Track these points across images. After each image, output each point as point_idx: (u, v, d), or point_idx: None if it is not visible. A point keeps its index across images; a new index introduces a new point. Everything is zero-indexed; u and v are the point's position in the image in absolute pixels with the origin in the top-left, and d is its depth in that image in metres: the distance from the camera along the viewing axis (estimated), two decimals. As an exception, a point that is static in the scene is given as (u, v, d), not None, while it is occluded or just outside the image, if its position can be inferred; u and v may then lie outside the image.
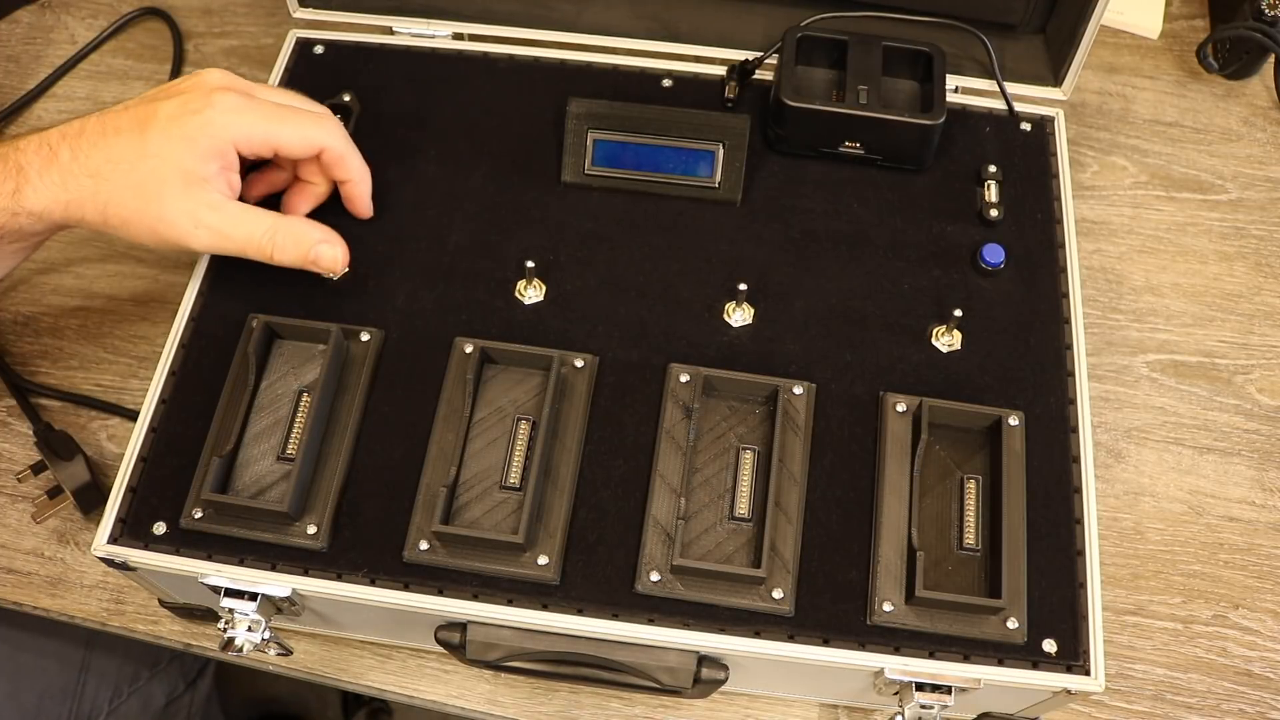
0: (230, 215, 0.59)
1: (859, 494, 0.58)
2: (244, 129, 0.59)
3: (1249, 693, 0.66)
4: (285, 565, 0.56)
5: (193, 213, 0.58)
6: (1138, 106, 0.87)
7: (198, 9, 0.90)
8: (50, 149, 0.58)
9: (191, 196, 0.58)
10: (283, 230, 0.61)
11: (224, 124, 0.59)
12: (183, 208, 0.58)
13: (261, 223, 0.60)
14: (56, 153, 0.58)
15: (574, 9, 0.75)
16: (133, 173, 0.58)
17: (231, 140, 0.59)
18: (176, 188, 0.58)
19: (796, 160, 0.69)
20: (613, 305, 0.64)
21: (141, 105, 0.59)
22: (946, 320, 0.62)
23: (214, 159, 0.59)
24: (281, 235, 0.60)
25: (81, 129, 0.59)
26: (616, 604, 0.56)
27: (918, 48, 0.69)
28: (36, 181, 0.58)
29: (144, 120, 0.58)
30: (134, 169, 0.58)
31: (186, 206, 0.58)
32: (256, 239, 0.60)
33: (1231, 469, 0.73)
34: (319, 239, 0.62)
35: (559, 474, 0.58)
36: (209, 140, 0.58)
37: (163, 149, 0.58)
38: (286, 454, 0.59)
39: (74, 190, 0.58)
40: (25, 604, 0.68)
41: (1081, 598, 0.56)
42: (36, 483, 0.71)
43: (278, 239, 0.60)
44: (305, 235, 0.61)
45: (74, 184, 0.58)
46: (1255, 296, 0.79)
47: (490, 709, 0.66)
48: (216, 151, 0.59)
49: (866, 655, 0.55)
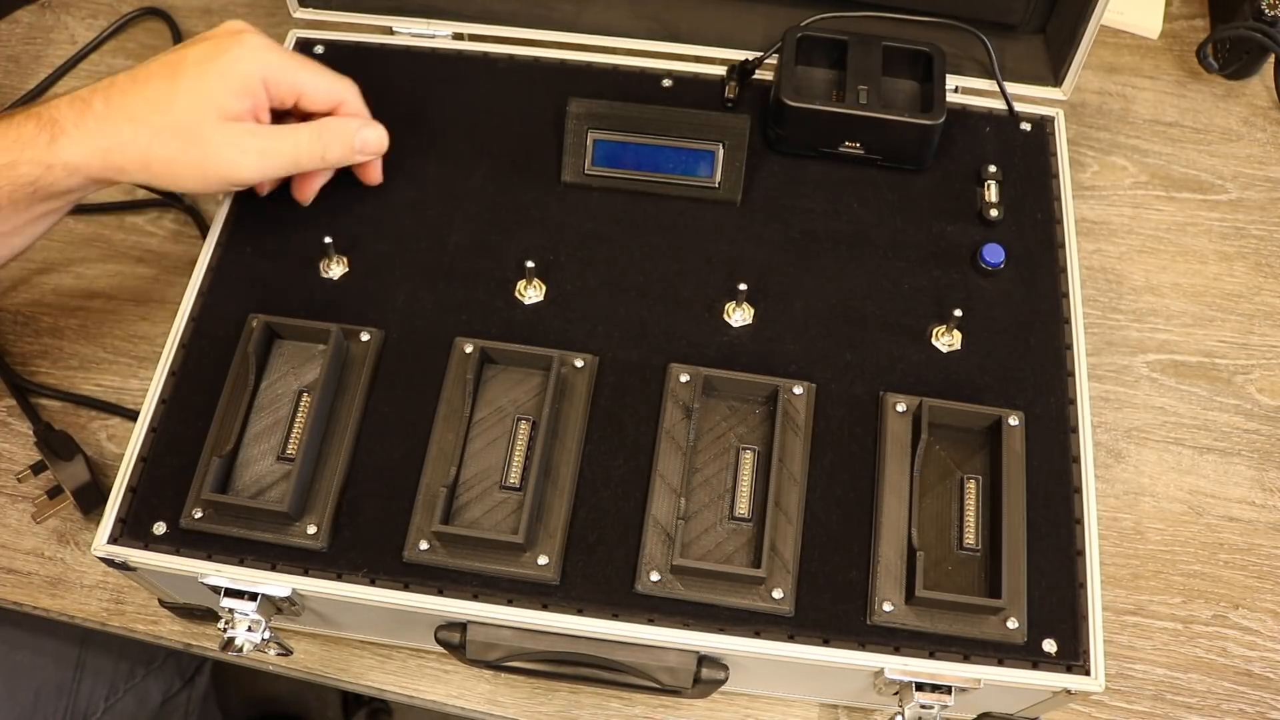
0: (273, 133, 0.61)
1: (859, 494, 0.58)
2: (273, 66, 0.60)
3: (1249, 693, 0.66)
4: (285, 565, 0.56)
5: (235, 141, 0.59)
6: (1138, 106, 0.87)
7: (198, 9, 0.90)
8: (83, 101, 0.58)
9: (232, 130, 0.59)
10: (326, 130, 0.62)
11: (254, 60, 0.60)
12: (225, 139, 0.59)
13: (303, 130, 0.62)
14: (90, 104, 0.58)
15: (574, 9, 0.75)
16: (170, 113, 0.58)
17: (261, 77, 0.60)
18: (214, 122, 0.59)
19: (796, 160, 0.69)
20: (613, 305, 0.64)
21: (170, 54, 0.60)
22: (946, 320, 0.62)
23: (246, 95, 0.60)
24: (327, 134, 0.62)
25: (112, 82, 0.59)
26: (616, 604, 0.56)
27: (918, 48, 0.69)
28: (73, 132, 0.58)
29: (174, 65, 0.59)
30: (170, 109, 0.58)
31: (228, 137, 0.59)
32: (305, 146, 0.61)
33: (1231, 469, 0.73)
34: (358, 125, 0.63)
35: (559, 474, 0.58)
36: (240, 77, 0.59)
37: (196, 86, 0.58)
38: (286, 454, 0.59)
39: (112, 137, 0.58)
40: (25, 604, 0.68)
41: (1081, 598, 0.56)
42: (36, 483, 0.71)
43: (325, 138, 0.62)
44: (345, 127, 0.63)
45: (112, 131, 0.58)
46: (1255, 296, 0.79)
47: (490, 709, 0.66)
48: (247, 88, 0.60)
49: (866, 655, 0.55)
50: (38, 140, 0.57)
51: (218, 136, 0.59)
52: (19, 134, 0.57)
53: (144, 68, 0.60)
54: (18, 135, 0.57)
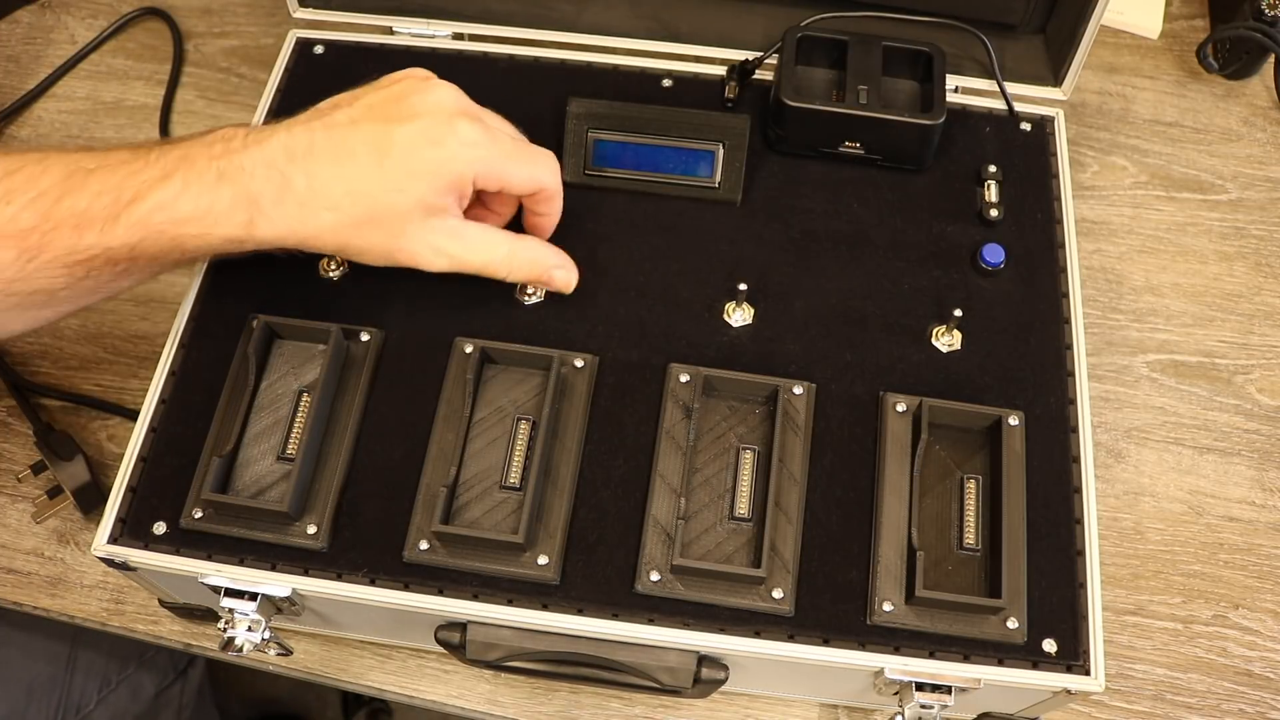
0: (469, 242, 0.59)
1: (859, 494, 0.58)
2: (484, 166, 0.57)
3: (1249, 693, 0.66)
4: (285, 565, 0.56)
5: (434, 243, 0.57)
6: (1138, 106, 0.87)
7: (198, 9, 0.90)
8: (282, 176, 0.55)
9: (432, 228, 0.57)
10: (519, 254, 0.60)
11: (467, 160, 0.57)
12: (425, 240, 0.57)
13: (499, 247, 0.60)
14: (290, 180, 0.55)
15: (574, 9, 0.75)
16: (375, 207, 0.56)
17: (472, 177, 0.57)
18: (418, 221, 0.57)
19: (796, 160, 0.69)
20: (613, 305, 0.64)
21: (375, 123, 0.56)
22: (946, 320, 0.62)
23: (452, 193, 0.57)
24: (518, 260, 0.60)
25: (310, 147, 0.55)
26: (616, 604, 0.56)
27: (918, 48, 0.69)
28: (271, 212, 0.55)
29: (382, 147, 0.56)
30: (376, 203, 0.56)
31: (429, 238, 0.57)
32: (494, 263, 0.60)
33: (1231, 469, 0.73)
34: (554, 264, 0.62)
35: (559, 474, 0.58)
36: (451, 177, 0.56)
37: (405, 184, 0.56)
38: (286, 454, 0.59)
39: (312, 225, 0.56)
40: (25, 604, 0.68)
41: (1081, 598, 0.56)
42: (36, 483, 0.71)
43: (514, 263, 0.60)
44: (540, 259, 0.61)
45: (312, 219, 0.55)
46: (1255, 296, 0.79)
47: (490, 709, 0.66)
48: (455, 187, 0.57)
49: (866, 655, 0.55)
50: (234, 217, 0.55)
51: (419, 235, 0.57)
52: (212, 203, 0.54)
53: (346, 134, 0.56)
54: (211, 205, 0.54)
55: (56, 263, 0.53)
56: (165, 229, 0.54)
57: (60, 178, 0.53)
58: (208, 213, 0.54)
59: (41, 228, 0.52)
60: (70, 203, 0.53)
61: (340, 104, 0.58)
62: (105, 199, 0.53)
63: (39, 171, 0.53)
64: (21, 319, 0.57)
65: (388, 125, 0.56)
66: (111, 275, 0.56)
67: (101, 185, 0.53)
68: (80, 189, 0.53)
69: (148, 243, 0.54)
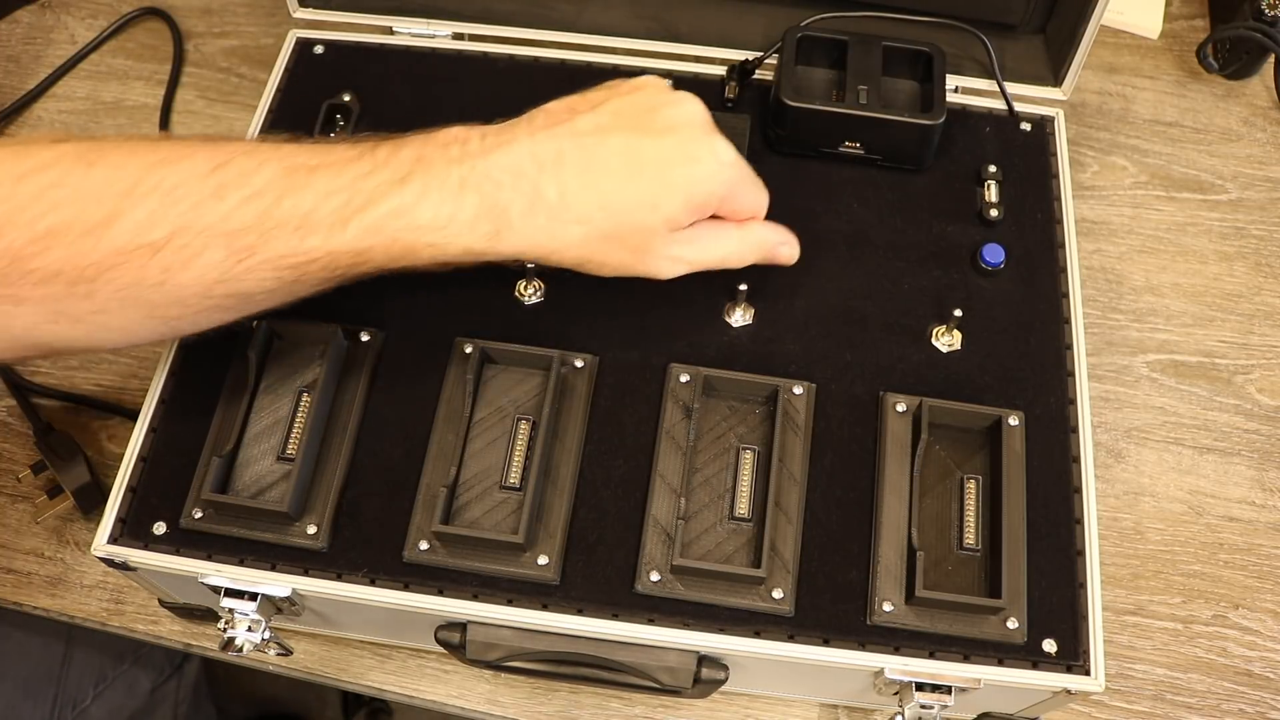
0: (704, 244, 0.57)
1: (859, 494, 0.58)
2: (733, 184, 0.56)
3: (1249, 693, 0.66)
4: (285, 565, 0.56)
5: (673, 254, 0.56)
6: (1138, 106, 0.87)
7: (198, 9, 0.90)
8: (533, 186, 0.52)
9: (674, 240, 0.55)
10: (747, 240, 0.59)
11: (721, 181, 0.55)
12: (665, 252, 0.56)
13: (729, 240, 0.58)
14: (541, 191, 0.52)
15: (574, 9, 0.75)
16: (625, 223, 0.53)
17: (722, 195, 0.55)
18: (662, 236, 0.55)
19: (796, 160, 0.69)
20: (613, 305, 0.64)
21: (627, 134, 0.53)
22: (946, 320, 0.62)
23: (702, 212, 0.56)
24: (747, 246, 0.59)
25: (559, 157, 0.52)
26: (616, 604, 0.56)
27: (918, 48, 0.69)
28: (519, 224, 0.52)
29: (636, 161, 0.53)
30: (627, 219, 0.53)
31: (669, 251, 0.56)
32: (728, 258, 0.58)
33: (1231, 469, 0.73)
34: (778, 241, 0.60)
35: (559, 474, 0.58)
36: (703, 197, 0.55)
37: (658, 201, 0.53)
38: (286, 454, 0.59)
39: (560, 238, 0.53)
40: (25, 604, 0.68)
41: (1081, 598, 0.56)
42: (36, 483, 0.71)
43: (744, 251, 0.59)
44: (766, 239, 0.60)
45: (561, 232, 0.53)
46: (1255, 296, 0.79)
47: (490, 709, 0.66)
48: (705, 207, 0.55)
49: (866, 655, 0.55)
50: (478, 228, 0.51)
51: (660, 248, 0.55)
52: (455, 212, 0.51)
53: (599, 145, 0.53)
54: (454, 214, 0.51)
55: (269, 265, 0.49)
56: (400, 235, 0.50)
57: (278, 174, 0.49)
58: (450, 222, 0.51)
59: (259, 228, 0.49)
60: (293, 202, 0.49)
61: (578, 109, 0.55)
62: (335, 200, 0.49)
63: (252, 166, 0.49)
64: (203, 321, 0.53)
65: (640, 138, 0.54)
66: (323, 280, 0.52)
67: (329, 185, 0.50)
68: (303, 188, 0.49)
69: (377, 249, 0.51)
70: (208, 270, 0.49)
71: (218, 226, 0.48)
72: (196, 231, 0.48)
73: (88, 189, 0.47)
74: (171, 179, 0.48)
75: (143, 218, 0.47)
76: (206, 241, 0.48)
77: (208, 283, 0.49)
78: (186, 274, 0.48)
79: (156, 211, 0.47)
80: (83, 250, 0.47)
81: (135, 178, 0.48)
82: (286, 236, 0.49)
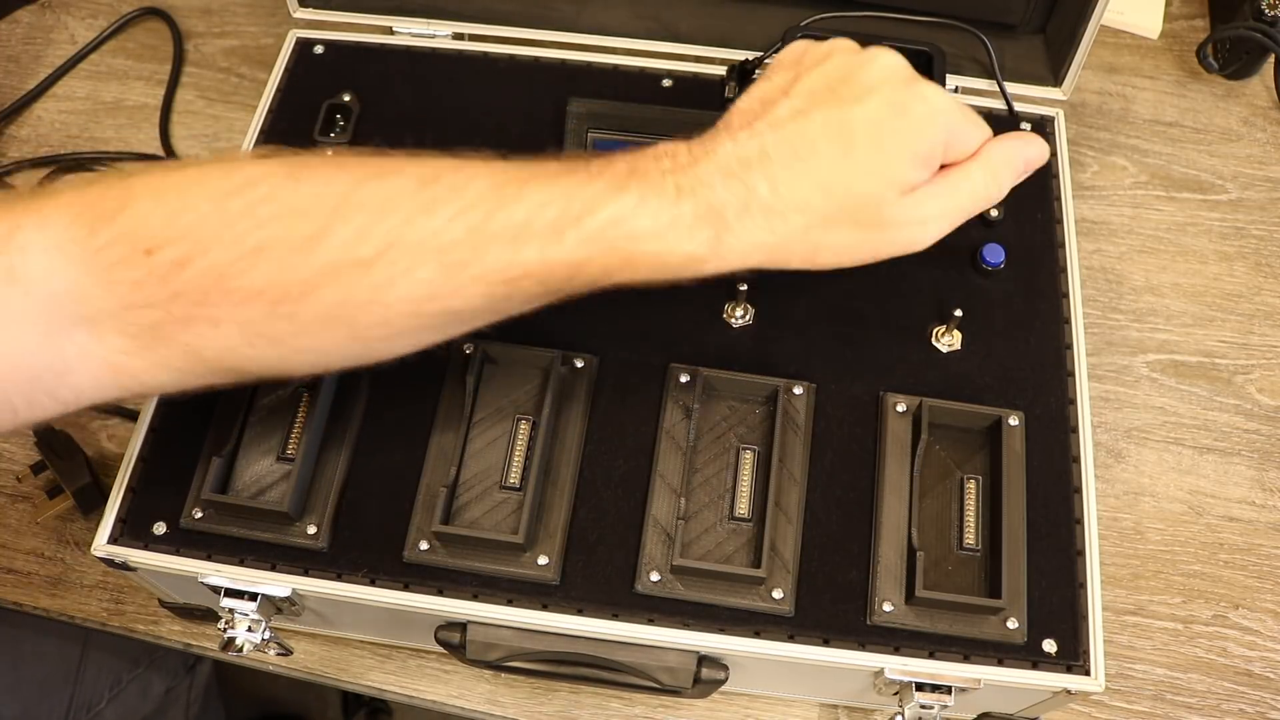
0: (947, 194, 0.51)
1: (859, 494, 0.58)
2: (954, 129, 0.51)
3: (1249, 693, 0.66)
4: (285, 565, 0.56)
5: (916, 214, 0.50)
6: (1138, 106, 0.87)
7: (198, 9, 0.90)
8: (743, 184, 0.48)
9: (915, 202, 0.50)
10: (992, 170, 0.52)
11: (940, 125, 0.50)
12: (907, 215, 0.50)
13: (973, 179, 0.52)
14: (753, 188, 0.48)
15: (574, 9, 0.75)
16: (848, 200, 0.49)
17: (945, 141, 0.50)
18: (896, 204, 0.50)
19: (796, 160, 0.69)
20: (613, 305, 0.63)
21: (827, 109, 0.49)
22: (946, 320, 0.62)
23: (929, 164, 0.50)
24: (994, 175, 0.52)
25: (764, 152, 0.49)
26: (616, 604, 0.56)
27: (918, 48, 0.69)
28: (736, 225, 0.48)
29: (844, 134, 0.49)
30: (849, 194, 0.49)
31: (910, 212, 0.50)
32: (982, 191, 0.52)
33: (1231, 469, 0.73)
34: (1019, 151, 0.53)
35: (559, 474, 0.58)
36: (925, 146, 0.50)
37: (877, 165, 0.49)
38: (286, 454, 0.59)
39: (781, 232, 0.49)
40: (25, 604, 0.68)
41: (1081, 598, 0.56)
42: (36, 483, 0.71)
43: (994, 182, 0.52)
44: (1009, 157, 0.53)
45: (781, 224, 0.49)
46: (1255, 296, 0.79)
47: (490, 709, 0.66)
48: (931, 158, 0.50)
49: (866, 655, 0.55)
50: (697, 234, 0.48)
51: (900, 215, 0.50)
52: (675, 218, 0.47)
53: (799, 129, 0.49)
54: (673, 220, 0.47)
55: (482, 280, 0.47)
56: (619, 245, 0.48)
57: (490, 187, 0.47)
58: (670, 228, 0.48)
59: (471, 241, 0.46)
60: (506, 214, 0.47)
61: (770, 99, 0.51)
62: (550, 211, 0.47)
63: (462, 180, 0.47)
64: (402, 344, 0.50)
65: (842, 108, 0.49)
66: (535, 296, 0.49)
67: (543, 196, 0.47)
68: (516, 200, 0.47)
69: (595, 261, 0.48)
70: (417, 287, 0.47)
71: (429, 241, 0.46)
72: (408, 247, 0.46)
73: (297, 205, 0.46)
74: (381, 194, 0.47)
75: (352, 234, 0.45)
76: (417, 257, 0.46)
77: (417, 300, 0.47)
78: (395, 291, 0.46)
79: (366, 227, 0.45)
80: (290, 267, 0.45)
81: (344, 193, 0.46)
82: (501, 249, 0.47)
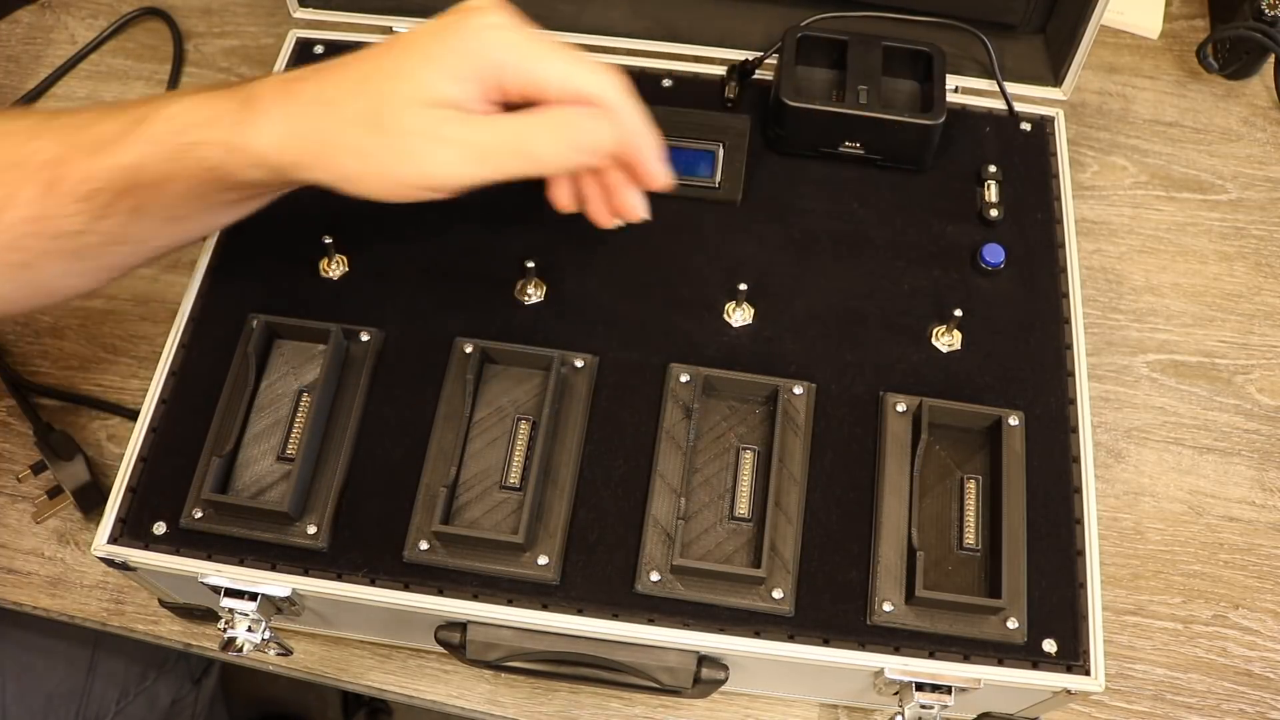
0: (486, 126, 0.48)
1: (859, 494, 0.58)
2: (509, 47, 0.48)
3: (1249, 693, 0.66)
4: (285, 565, 0.56)
5: (433, 129, 0.47)
6: (1138, 106, 0.87)
7: (198, 9, 0.90)
8: (285, 81, 0.50)
9: (430, 114, 0.47)
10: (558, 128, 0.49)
11: (486, 40, 0.47)
12: (421, 126, 0.47)
13: (532, 127, 0.49)
14: (293, 86, 0.49)
15: (574, 9, 0.75)
16: (365, 94, 0.48)
17: (494, 60, 0.47)
18: (413, 108, 0.47)
19: (796, 160, 0.69)
20: (613, 305, 0.64)
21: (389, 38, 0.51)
22: (946, 320, 0.62)
23: (471, 81, 0.47)
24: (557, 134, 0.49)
25: (330, 63, 0.50)
26: (616, 604, 0.56)
27: (918, 48, 0.69)
28: (269, 113, 0.49)
29: (394, 41, 0.49)
30: (367, 89, 0.48)
31: (425, 124, 0.47)
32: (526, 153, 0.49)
33: (1231, 469, 0.73)
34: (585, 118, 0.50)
35: (559, 474, 0.58)
36: (465, 59, 0.47)
37: (401, 65, 0.47)
38: (286, 454, 0.59)
39: (300, 122, 0.48)
40: (25, 604, 0.68)
41: (1081, 598, 0.56)
42: (36, 483, 0.71)
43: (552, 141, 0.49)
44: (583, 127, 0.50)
45: (301, 116, 0.49)
46: (1255, 296, 0.79)
47: (490, 709, 0.66)
48: (474, 72, 0.47)
49: (866, 655, 0.55)
50: (224, 117, 0.49)
51: (413, 123, 0.47)
52: (212, 111, 0.50)
53: (367, 47, 0.50)
54: (215, 110, 0.50)
55: (71, 194, 0.51)
56: (167, 140, 0.50)
57: (94, 116, 0.52)
58: (209, 120, 0.50)
59: (63, 156, 0.51)
60: (94, 131, 0.51)
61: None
62: (122, 120, 0.51)
63: (73, 112, 0.53)
64: (63, 274, 0.54)
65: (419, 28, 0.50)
66: (126, 213, 0.52)
67: (125, 114, 0.52)
68: (104, 119, 0.52)
69: (151, 162, 0.50)
70: (23, 207, 0.51)
71: (30, 159, 0.51)
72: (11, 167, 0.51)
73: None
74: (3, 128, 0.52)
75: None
76: (21, 178, 0.51)
77: (26, 220, 0.51)
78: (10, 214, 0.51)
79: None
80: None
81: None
82: (82, 161, 0.51)
